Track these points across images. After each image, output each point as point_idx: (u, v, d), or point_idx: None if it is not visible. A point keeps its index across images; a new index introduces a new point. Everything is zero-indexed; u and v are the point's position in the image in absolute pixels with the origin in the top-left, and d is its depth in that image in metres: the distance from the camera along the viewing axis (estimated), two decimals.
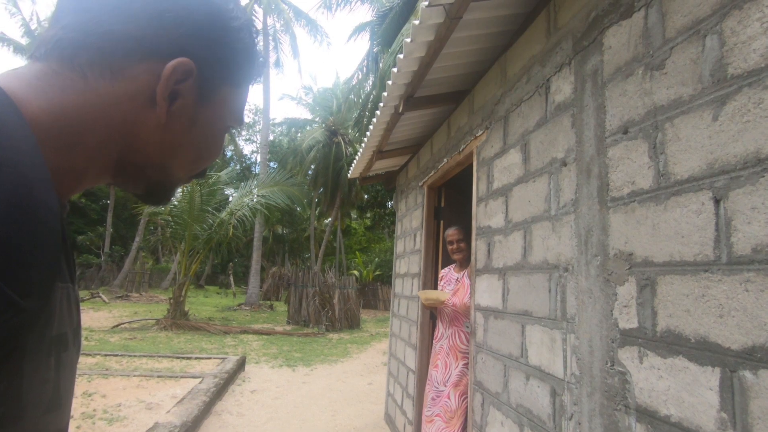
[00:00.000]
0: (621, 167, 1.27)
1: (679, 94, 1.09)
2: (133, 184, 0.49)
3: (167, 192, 0.52)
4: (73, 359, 0.42)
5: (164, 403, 3.94)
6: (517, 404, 1.74)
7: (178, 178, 0.51)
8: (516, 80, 1.98)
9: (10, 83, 0.38)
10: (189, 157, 0.50)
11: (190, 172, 0.52)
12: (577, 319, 1.41)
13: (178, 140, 0.47)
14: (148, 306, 14.24)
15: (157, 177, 0.49)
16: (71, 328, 0.42)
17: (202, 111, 0.48)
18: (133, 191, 0.51)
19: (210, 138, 0.50)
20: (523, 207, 1.85)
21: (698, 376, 0.97)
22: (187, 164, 0.50)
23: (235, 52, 0.49)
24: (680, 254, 1.05)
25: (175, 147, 0.47)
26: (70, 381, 0.42)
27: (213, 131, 0.50)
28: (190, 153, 0.49)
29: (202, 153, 0.51)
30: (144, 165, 0.47)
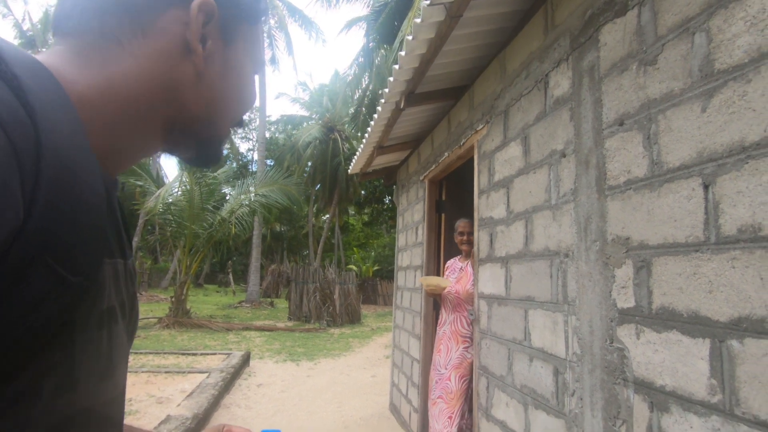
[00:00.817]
0: (617, 157, 1.35)
1: (670, 88, 1.17)
2: (184, 146, 0.49)
3: (217, 149, 0.51)
4: (122, 331, 0.43)
5: (174, 397, 4.03)
6: (522, 385, 1.83)
7: (225, 131, 0.51)
8: (515, 76, 2.06)
9: (54, 63, 0.38)
10: (230, 104, 0.49)
11: (232, 121, 0.51)
12: (578, 302, 1.50)
13: (217, 87, 0.47)
14: (149, 305, 14.29)
15: (206, 133, 0.48)
16: (119, 301, 0.43)
17: (231, 53, 0.47)
18: (185, 155, 0.50)
19: (243, 81, 0.50)
20: (524, 198, 1.93)
21: (690, 348, 1.06)
22: (229, 113, 0.50)
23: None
24: (673, 236, 1.13)
25: (215, 95, 0.47)
26: (122, 351, 0.43)
27: (244, 74, 0.50)
28: (229, 100, 0.49)
29: (239, 98, 0.50)
30: (191, 121, 0.46)
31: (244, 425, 3.74)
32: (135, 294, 0.50)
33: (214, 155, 0.52)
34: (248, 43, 0.50)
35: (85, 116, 0.37)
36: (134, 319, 0.49)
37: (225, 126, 0.50)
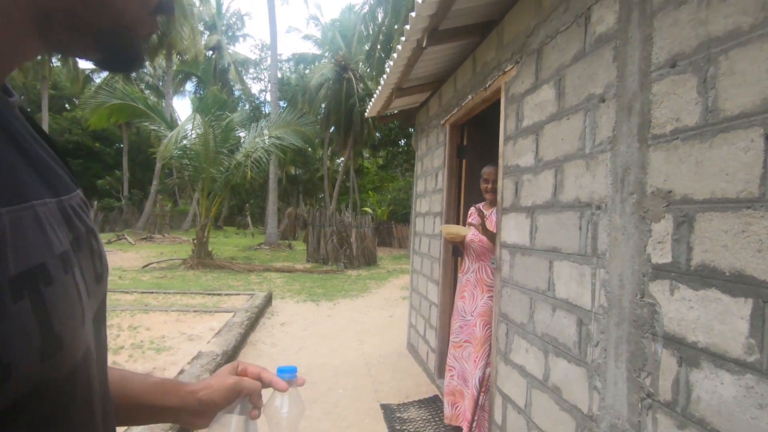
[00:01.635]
0: (666, 103, 1.25)
1: (738, 23, 1.04)
2: (79, 44, 0.37)
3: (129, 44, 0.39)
4: (70, 289, 0.35)
5: (204, 335, 4.27)
6: (543, 333, 1.86)
7: (133, 19, 0.38)
8: (552, 9, 1.87)
9: None
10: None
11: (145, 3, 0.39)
12: (608, 255, 1.46)
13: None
14: (172, 246, 14.85)
15: (102, 21, 0.37)
16: (56, 254, 0.34)
17: None
18: (85, 54, 0.39)
19: None
20: (555, 145, 1.83)
21: (730, 307, 1.03)
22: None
23: None
24: (723, 191, 1.06)
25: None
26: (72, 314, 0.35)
27: None
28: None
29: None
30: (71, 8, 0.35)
31: (270, 361, 3.98)
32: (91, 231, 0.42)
33: (130, 53, 0.39)
34: None
35: None
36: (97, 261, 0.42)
37: (132, 11, 0.38)
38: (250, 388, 0.62)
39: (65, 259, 0.35)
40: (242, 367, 0.66)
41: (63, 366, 0.34)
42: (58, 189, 0.38)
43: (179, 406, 0.60)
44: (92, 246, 0.42)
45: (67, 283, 0.35)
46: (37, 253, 0.32)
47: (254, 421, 0.63)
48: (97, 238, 0.44)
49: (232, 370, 0.65)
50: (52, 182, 0.37)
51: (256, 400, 0.64)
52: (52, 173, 0.38)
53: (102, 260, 0.44)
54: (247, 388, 0.62)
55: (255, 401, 0.63)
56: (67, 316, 0.34)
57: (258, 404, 0.64)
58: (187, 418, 0.61)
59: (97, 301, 0.42)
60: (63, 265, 0.34)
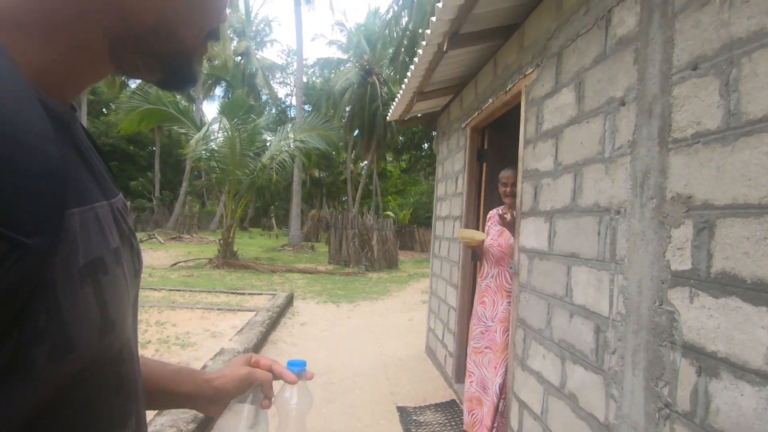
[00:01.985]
0: (687, 106, 1.22)
1: (761, 24, 1.01)
2: (144, 66, 0.42)
3: (188, 67, 0.44)
4: (120, 279, 0.40)
5: (226, 333, 4.38)
6: (560, 339, 1.83)
7: (191, 45, 0.43)
8: (573, 12, 1.86)
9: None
10: (192, 8, 0.41)
11: (200, 31, 0.44)
12: (627, 261, 1.43)
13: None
14: (200, 246, 15.27)
15: (166, 47, 0.41)
16: (110, 249, 0.39)
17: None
18: (150, 77, 0.44)
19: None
20: (574, 149, 1.81)
21: (751, 316, 1.00)
22: (193, 19, 0.42)
23: None
24: (745, 197, 1.03)
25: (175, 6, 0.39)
26: (120, 301, 0.40)
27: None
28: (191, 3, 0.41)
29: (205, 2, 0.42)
30: (143, 35, 0.39)
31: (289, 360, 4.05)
32: (132, 231, 0.47)
33: (187, 76, 0.45)
34: None
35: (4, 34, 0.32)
36: (136, 259, 0.47)
37: (191, 37, 0.43)
38: (262, 379, 0.65)
39: (117, 254, 0.40)
40: (255, 359, 0.69)
41: (114, 345, 0.39)
42: (107, 193, 0.43)
43: (195, 393, 0.63)
44: (132, 244, 0.47)
45: (119, 274, 0.40)
46: (98, 248, 0.37)
47: (265, 410, 0.66)
48: (136, 238, 0.50)
49: (246, 362, 0.68)
50: (103, 187, 0.42)
51: (268, 390, 0.66)
52: (103, 179, 0.43)
53: (139, 258, 0.50)
54: (259, 379, 0.65)
55: (266, 392, 0.66)
56: (119, 302, 0.40)
57: (269, 395, 0.66)
58: (202, 404, 0.64)
59: (134, 294, 0.47)
60: (116, 258, 0.40)
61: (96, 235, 0.37)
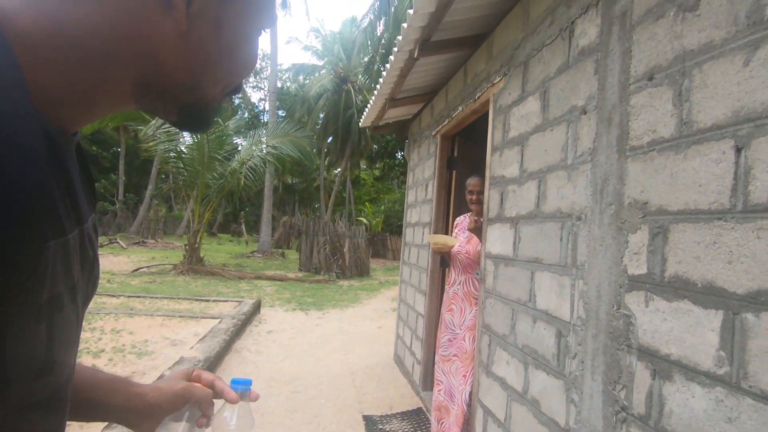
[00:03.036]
0: (643, 115, 1.26)
1: (711, 37, 1.05)
2: (163, 109, 0.43)
3: (204, 115, 0.46)
4: (71, 316, 0.37)
5: (187, 340, 4.21)
6: (523, 345, 1.84)
7: (212, 98, 0.45)
8: (539, 23, 1.90)
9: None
10: (221, 69, 0.43)
11: (226, 87, 0.45)
12: (587, 266, 1.46)
13: (205, 50, 0.40)
14: (165, 252, 14.73)
15: (188, 99, 0.43)
16: (68, 284, 0.36)
17: (227, 10, 0.41)
18: (165, 117, 0.45)
19: (241, 43, 0.44)
20: (539, 156, 1.84)
21: (701, 319, 1.02)
22: (221, 78, 0.44)
23: None
24: (695, 203, 1.06)
25: (202, 59, 0.41)
26: (67, 340, 0.38)
27: (243, 34, 0.43)
28: (221, 64, 0.42)
29: (235, 62, 0.44)
30: (170, 86, 0.41)
31: (254, 369, 3.93)
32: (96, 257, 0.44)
33: (202, 122, 0.46)
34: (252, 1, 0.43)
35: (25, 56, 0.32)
36: (92, 284, 0.44)
37: (213, 92, 0.44)
38: (200, 396, 0.61)
39: (74, 289, 0.38)
40: (196, 374, 0.64)
41: (48, 388, 0.36)
42: (83, 216, 0.40)
43: (126, 406, 0.58)
44: (92, 271, 0.44)
45: (71, 312, 0.37)
46: (60, 283, 0.35)
47: (201, 429, 0.61)
48: (98, 265, 0.46)
49: (186, 376, 0.64)
50: (80, 211, 0.39)
51: (206, 408, 0.62)
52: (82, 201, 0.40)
53: (95, 286, 0.46)
54: (197, 396, 0.61)
55: (204, 409, 0.62)
56: (66, 341, 0.37)
57: (207, 413, 0.62)
58: (132, 419, 0.59)
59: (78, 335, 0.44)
60: (72, 295, 0.37)
61: (62, 269, 0.35)
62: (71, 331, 0.38)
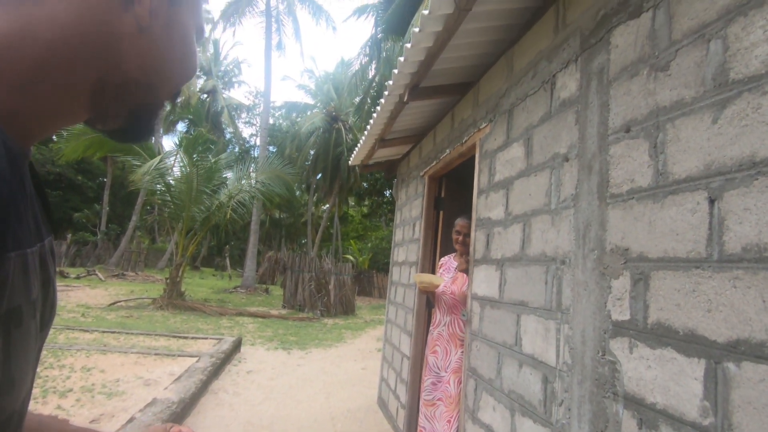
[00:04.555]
0: (622, 165, 1.31)
1: (681, 95, 1.12)
2: (113, 114, 0.43)
3: (150, 120, 0.46)
4: (30, 333, 0.36)
5: (162, 380, 4.02)
6: (510, 390, 1.81)
7: (161, 100, 0.46)
8: (522, 75, 2.00)
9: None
10: (173, 68, 0.45)
11: (172, 89, 0.47)
12: (572, 310, 1.46)
13: (158, 47, 0.42)
14: (144, 285, 14.31)
15: (142, 99, 0.43)
16: (27, 298, 0.35)
17: (175, 12, 0.43)
18: (111, 125, 0.44)
19: (187, 45, 0.46)
20: (523, 200, 1.89)
21: (684, 367, 1.02)
22: (171, 77, 0.45)
23: None
24: (674, 251, 1.10)
25: (157, 57, 0.42)
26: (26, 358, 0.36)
27: (188, 37, 0.46)
28: (172, 63, 0.44)
29: (182, 63, 0.46)
30: (126, 83, 0.41)
31: (230, 411, 3.74)
32: (52, 279, 0.43)
33: (146, 128, 0.47)
34: (192, 5, 0.47)
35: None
36: (49, 308, 0.42)
37: (163, 94, 0.46)
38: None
39: (34, 306, 0.37)
40: (175, 429, 0.62)
41: (5, 410, 0.34)
42: (41, 234, 0.40)
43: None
44: (48, 293, 0.42)
45: (31, 328, 0.36)
46: (19, 296, 0.34)
47: None
48: (55, 285, 0.45)
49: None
50: (38, 228, 0.39)
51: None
52: (39, 221, 0.40)
53: (53, 308, 0.45)
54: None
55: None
56: (24, 359, 0.35)
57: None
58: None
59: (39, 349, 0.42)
60: (32, 310, 0.36)
61: (21, 282, 0.34)
62: (29, 350, 0.37)
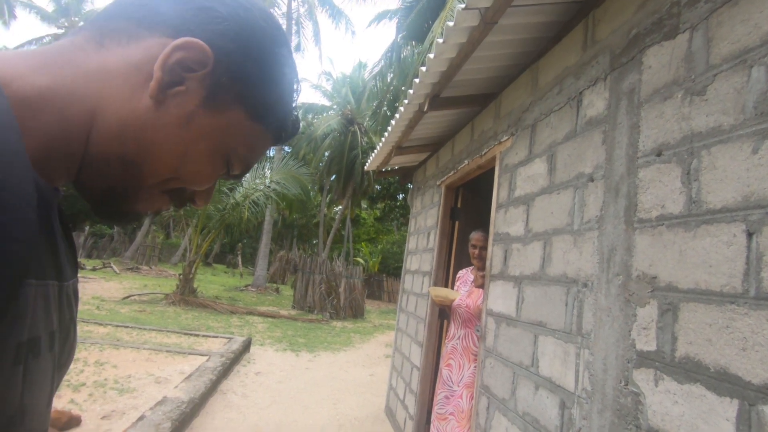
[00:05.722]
0: (651, 189, 1.27)
1: (719, 122, 1.08)
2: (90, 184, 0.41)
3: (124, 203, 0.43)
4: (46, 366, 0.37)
5: (172, 378, 4.05)
6: (524, 412, 1.77)
7: (143, 187, 0.42)
8: (547, 90, 1.97)
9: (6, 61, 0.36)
10: (167, 161, 0.41)
11: (161, 185, 0.43)
12: (593, 336, 1.42)
13: (163, 134, 0.40)
14: (158, 280, 14.51)
15: (122, 176, 0.41)
16: (48, 331, 0.36)
17: (204, 117, 0.41)
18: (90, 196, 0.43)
19: (201, 151, 0.43)
20: (544, 218, 1.85)
21: (715, 406, 0.98)
22: (162, 169, 0.42)
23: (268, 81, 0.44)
24: (706, 283, 1.05)
25: (156, 141, 0.40)
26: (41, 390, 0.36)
27: (207, 147, 0.43)
28: (170, 157, 0.41)
29: (185, 165, 0.42)
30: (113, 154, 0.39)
31: (238, 414, 3.75)
32: (73, 320, 0.44)
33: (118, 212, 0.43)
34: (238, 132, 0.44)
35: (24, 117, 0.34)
36: (67, 350, 0.43)
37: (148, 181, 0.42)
38: None
39: (52, 338, 0.38)
40: None
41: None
42: (63, 275, 0.41)
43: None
44: (69, 335, 0.43)
45: (48, 361, 0.37)
46: (39, 326, 0.35)
47: None
48: (76, 329, 0.46)
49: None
50: (61, 268, 0.40)
51: None
52: (63, 260, 0.42)
53: (71, 352, 0.45)
54: None
55: None
56: (39, 391, 0.36)
57: None
58: None
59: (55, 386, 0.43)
60: (50, 342, 0.37)
61: (41, 313, 0.35)
62: (45, 383, 0.37)
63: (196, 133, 0.42)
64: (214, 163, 0.45)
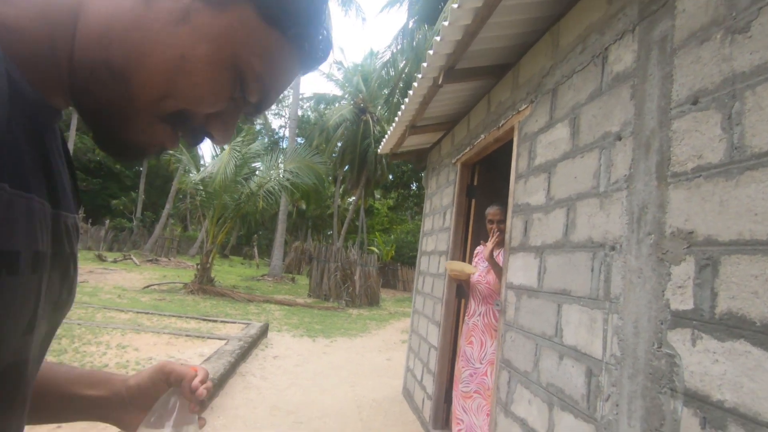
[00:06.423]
0: (687, 141, 1.19)
1: (765, 58, 1.00)
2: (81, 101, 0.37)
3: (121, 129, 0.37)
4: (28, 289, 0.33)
5: (192, 360, 4.10)
6: (548, 383, 1.71)
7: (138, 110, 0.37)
8: (569, 50, 1.88)
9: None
10: (161, 70, 0.35)
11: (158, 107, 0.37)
12: (622, 300, 1.36)
13: (153, 34, 0.34)
14: (176, 270, 14.77)
15: (111, 90, 0.35)
16: (31, 249, 0.32)
17: (203, 14, 0.36)
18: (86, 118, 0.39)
19: (201, 57, 0.36)
20: (567, 183, 1.77)
21: (762, 362, 0.91)
22: (156, 83, 0.35)
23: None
24: (751, 233, 0.98)
25: (145, 41, 0.34)
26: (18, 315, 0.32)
27: (209, 53, 0.36)
28: (163, 64, 0.35)
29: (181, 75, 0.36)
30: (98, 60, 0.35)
31: (257, 395, 3.79)
32: (73, 255, 0.42)
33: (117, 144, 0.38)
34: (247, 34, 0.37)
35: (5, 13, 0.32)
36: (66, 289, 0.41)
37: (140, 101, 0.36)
38: (180, 372, 0.55)
39: (39, 260, 0.34)
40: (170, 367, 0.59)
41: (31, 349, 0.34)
42: (60, 203, 0.38)
43: (107, 396, 0.54)
44: (68, 271, 0.40)
45: (31, 285, 0.33)
46: (17, 240, 0.31)
47: None
48: (76, 266, 0.43)
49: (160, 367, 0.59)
50: (57, 196, 0.37)
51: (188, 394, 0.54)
52: (61, 189, 0.38)
53: (71, 291, 0.42)
54: (177, 371, 0.55)
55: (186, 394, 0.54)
56: (17, 316, 0.32)
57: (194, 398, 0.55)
58: (114, 411, 0.55)
59: (48, 326, 0.40)
60: (34, 264, 0.33)
61: (20, 227, 0.31)
62: (25, 309, 0.33)
63: (193, 34, 0.35)
64: (219, 77, 0.37)
